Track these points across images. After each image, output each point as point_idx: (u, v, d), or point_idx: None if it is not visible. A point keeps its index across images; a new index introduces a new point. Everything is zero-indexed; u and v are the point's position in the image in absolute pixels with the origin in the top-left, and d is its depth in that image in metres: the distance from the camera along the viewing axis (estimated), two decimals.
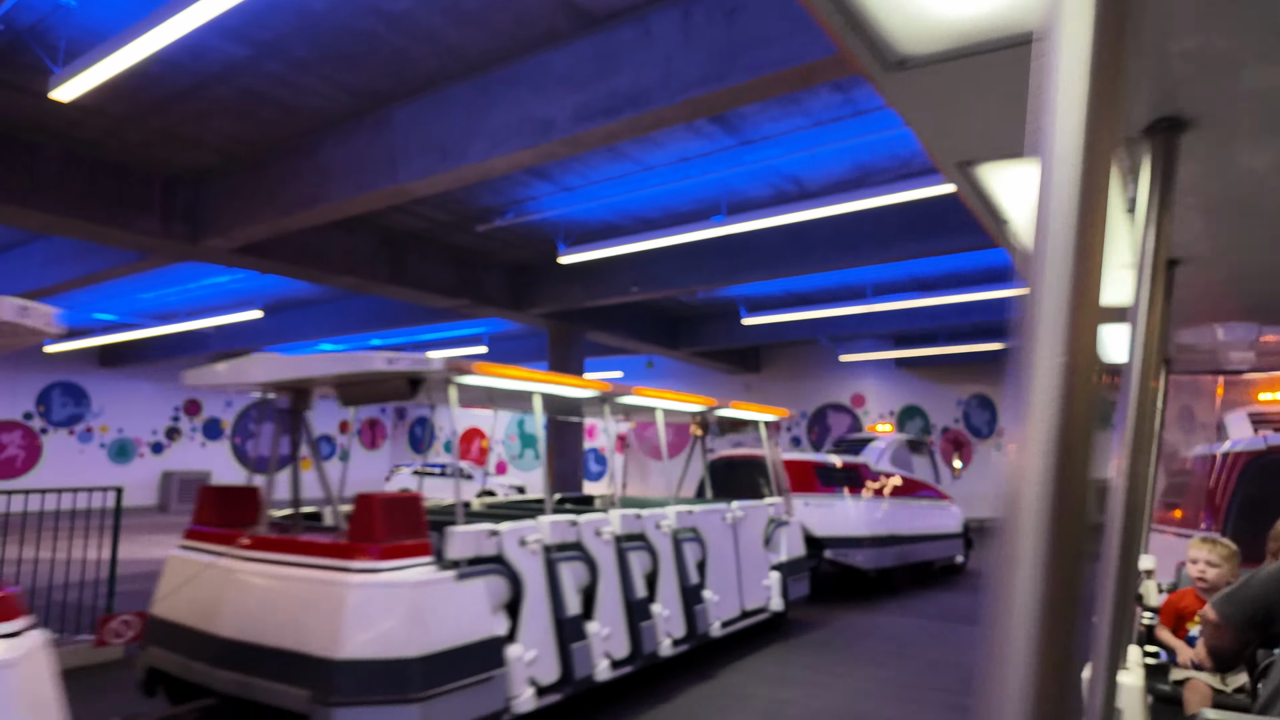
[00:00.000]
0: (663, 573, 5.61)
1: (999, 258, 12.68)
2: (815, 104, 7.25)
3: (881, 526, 9.29)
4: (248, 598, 4.00)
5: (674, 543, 5.84)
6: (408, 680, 3.55)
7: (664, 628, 5.45)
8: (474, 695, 3.90)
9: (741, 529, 6.87)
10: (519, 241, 11.73)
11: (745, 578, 6.74)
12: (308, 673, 3.58)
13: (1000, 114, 1.01)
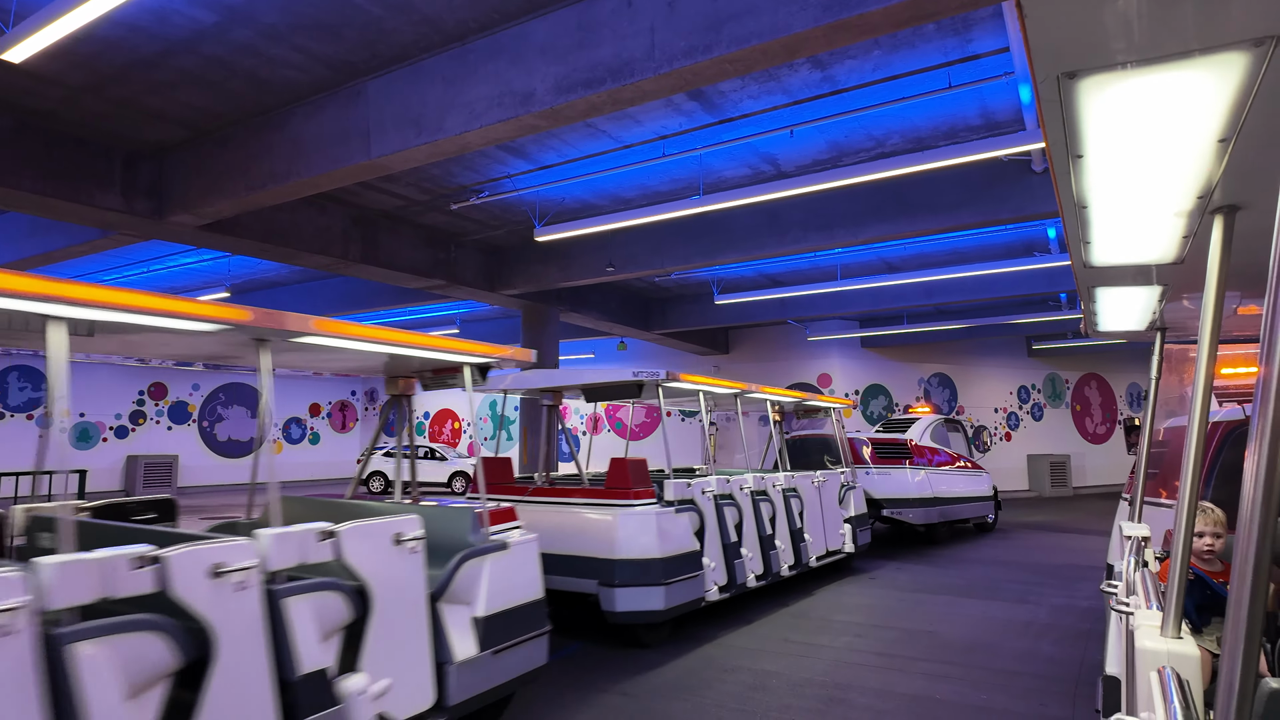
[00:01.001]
0: (778, 519, 7.87)
1: (963, 240, 12.91)
2: (794, 81, 7.28)
3: (926, 490, 11.49)
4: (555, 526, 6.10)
5: (784, 498, 8.06)
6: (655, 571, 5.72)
7: (783, 558, 7.72)
8: (689, 586, 6.08)
9: (824, 490, 9.10)
10: (494, 220, 11.61)
11: (828, 527, 9.03)
12: (597, 569, 5.78)
13: (1129, 9, 0.94)
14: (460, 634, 3.79)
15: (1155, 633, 1.66)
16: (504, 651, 3.98)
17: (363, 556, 3.30)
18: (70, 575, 2.29)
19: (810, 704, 4.62)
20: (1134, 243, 1.91)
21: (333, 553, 3.20)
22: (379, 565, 3.36)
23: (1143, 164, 1.41)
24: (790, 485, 8.30)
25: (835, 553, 9.04)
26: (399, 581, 3.45)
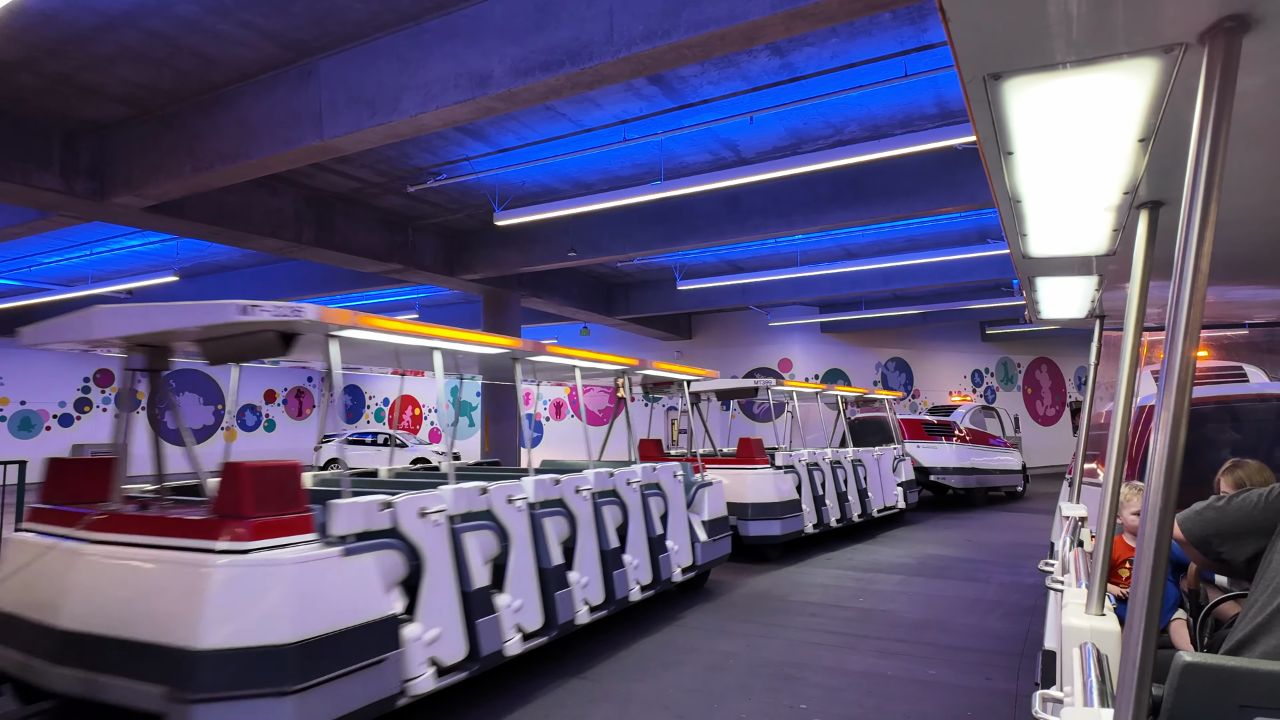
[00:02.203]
0: (850, 482, 10.65)
1: (919, 227, 13.15)
2: (753, 68, 7.30)
3: (965, 461, 14.42)
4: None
5: (851, 466, 10.83)
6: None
7: (853, 509, 10.47)
8: (793, 521, 8.95)
9: (881, 461, 11.95)
10: (453, 204, 11.45)
11: (885, 488, 11.84)
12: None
13: (1050, 13, 0.97)
14: (699, 528, 6.90)
15: (1081, 610, 1.75)
16: (717, 540, 7.13)
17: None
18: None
19: (766, 683, 4.73)
20: (1068, 235, 1.98)
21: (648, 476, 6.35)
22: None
23: (1071, 161, 1.46)
24: (857, 457, 11.18)
25: (891, 508, 11.87)
26: (676, 496, 6.65)
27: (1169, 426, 1.03)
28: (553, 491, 5.25)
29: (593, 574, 5.36)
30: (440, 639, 3.93)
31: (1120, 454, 1.84)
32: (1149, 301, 1.65)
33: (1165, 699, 1.29)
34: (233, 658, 3.11)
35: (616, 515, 5.92)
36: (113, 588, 3.45)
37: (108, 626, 3.36)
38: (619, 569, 5.65)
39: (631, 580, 5.80)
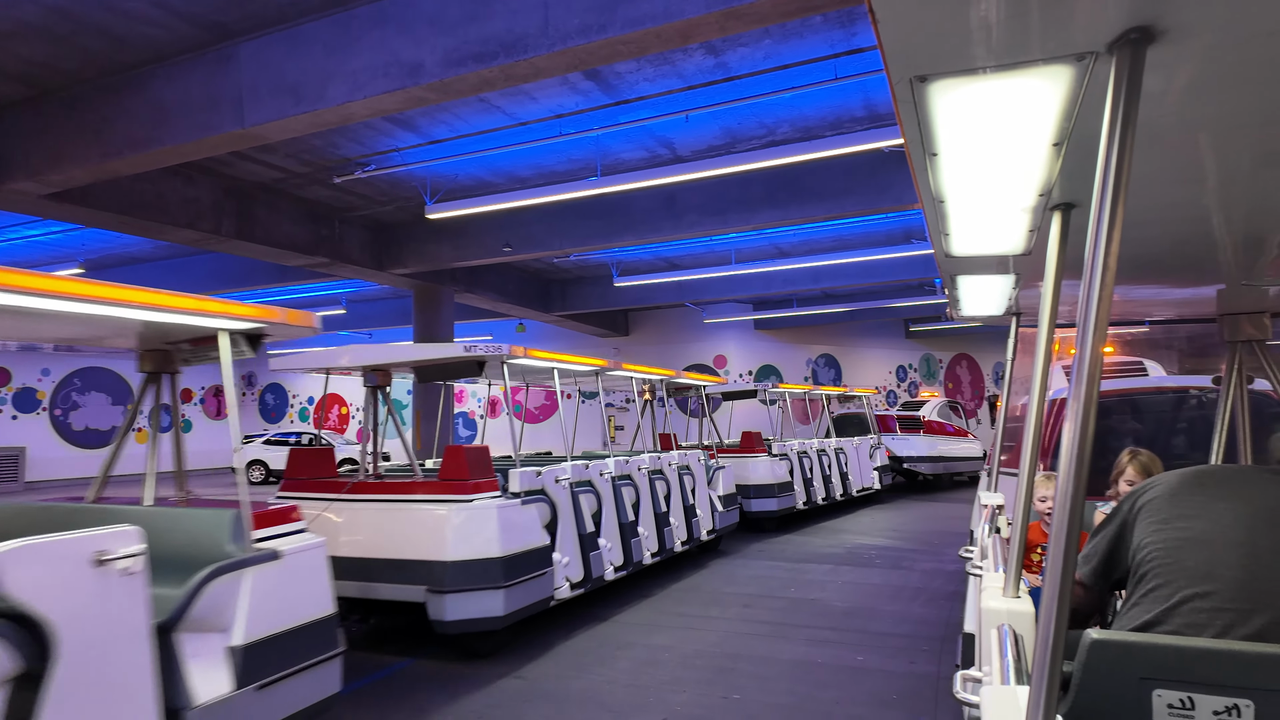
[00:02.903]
0: (832, 469, 12.30)
1: (848, 227, 13.54)
2: (689, 66, 7.36)
3: (933, 450, 16.11)
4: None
5: (834, 454, 12.59)
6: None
7: (836, 489, 12.29)
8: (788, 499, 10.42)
9: (859, 450, 13.71)
10: (382, 196, 11.14)
11: (863, 472, 13.64)
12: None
13: (973, 20, 1.00)
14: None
15: (998, 593, 1.84)
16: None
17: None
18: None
19: (700, 675, 4.79)
20: (988, 235, 2.06)
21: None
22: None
23: (991, 163, 1.53)
24: (839, 447, 12.91)
25: (868, 489, 13.66)
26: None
27: (1078, 418, 1.09)
28: (624, 468, 7.26)
29: (651, 530, 7.39)
30: (569, 564, 5.95)
31: (1035, 445, 1.94)
32: (1061, 299, 1.74)
33: (1074, 673, 1.37)
34: (466, 566, 5.02)
35: (661, 489, 7.80)
36: (387, 527, 5.25)
37: (388, 552, 5.18)
38: (666, 527, 7.65)
39: (674, 538, 7.75)
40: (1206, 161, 1.51)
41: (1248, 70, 1.10)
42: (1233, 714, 1.27)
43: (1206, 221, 1.90)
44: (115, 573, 2.62)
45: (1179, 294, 2.93)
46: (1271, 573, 1.44)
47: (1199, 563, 1.49)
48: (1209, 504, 1.56)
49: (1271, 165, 1.51)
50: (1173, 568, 1.51)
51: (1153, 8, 0.94)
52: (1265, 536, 1.47)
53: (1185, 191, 1.67)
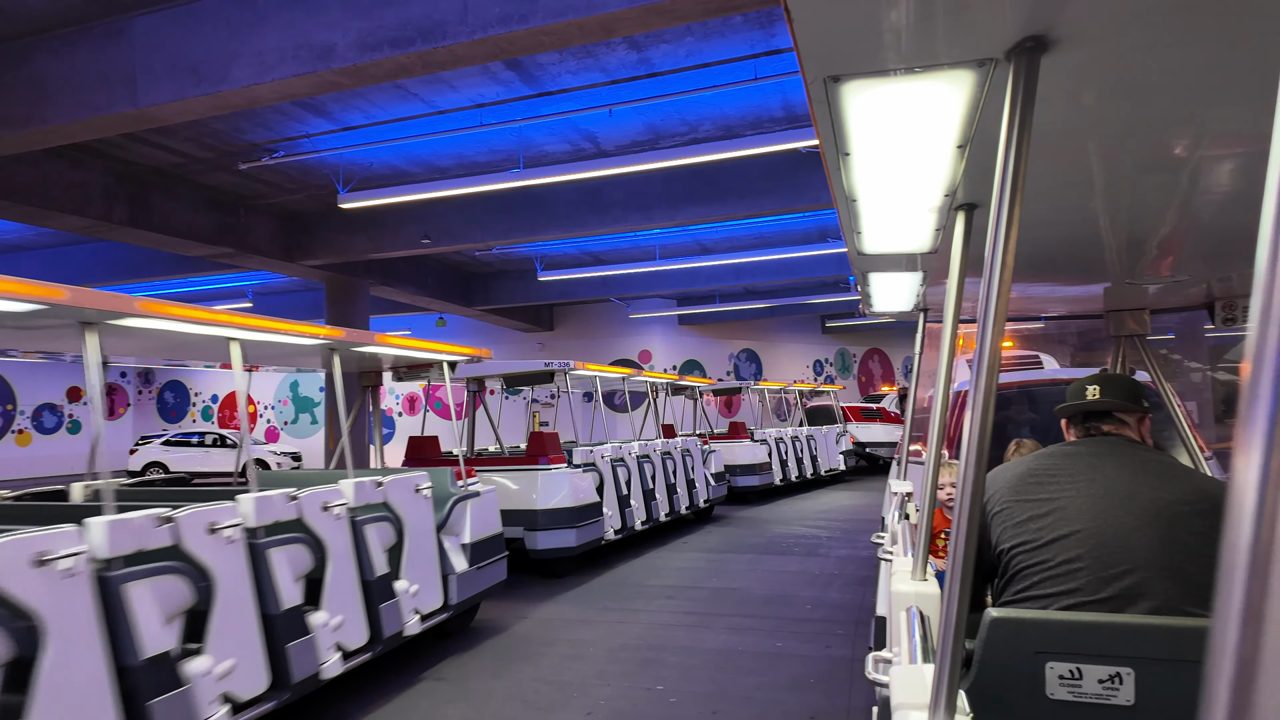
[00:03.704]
0: (804, 453, 14.20)
1: (768, 225, 13.85)
2: (612, 60, 7.34)
3: (892, 437, 17.23)
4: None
5: (806, 440, 14.56)
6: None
7: (807, 469, 14.29)
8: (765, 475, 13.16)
9: (828, 437, 15.70)
10: (291, 184, 10.65)
11: (830, 455, 15.47)
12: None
13: (883, 22, 1.03)
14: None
15: (907, 577, 1.92)
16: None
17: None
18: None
19: (625, 668, 4.81)
20: (897, 234, 2.14)
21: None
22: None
23: (900, 163, 1.58)
24: (810, 434, 14.95)
25: (835, 469, 15.72)
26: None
27: (978, 409, 1.14)
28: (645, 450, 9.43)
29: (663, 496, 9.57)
30: (612, 516, 8.13)
31: (939, 435, 2.03)
32: (964, 296, 1.82)
33: (976, 650, 1.44)
34: (551, 512, 7.20)
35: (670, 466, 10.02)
36: (501, 487, 7.21)
37: (505, 503, 7.06)
38: (674, 494, 9.91)
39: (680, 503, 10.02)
40: (1094, 167, 1.61)
41: (1129, 82, 1.17)
42: (1115, 681, 1.36)
43: (1094, 224, 2.03)
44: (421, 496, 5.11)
45: (1070, 291, 3.13)
46: (1128, 541, 1.54)
47: (1062, 557, 1.58)
48: (1054, 497, 1.65)
49: (1151, 172, 1.63)
50: (1038, 568, 1.60)
51: (1046, 18, 0.99)
52: (1113, 515, 1.57)
53: (1076, 195, 1.78)
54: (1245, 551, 0.30)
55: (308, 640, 3.82)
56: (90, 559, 2.82)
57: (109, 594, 2.85)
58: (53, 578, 2.70)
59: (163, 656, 3.00)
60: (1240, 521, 0.31)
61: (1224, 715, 0.30)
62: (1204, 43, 1.05)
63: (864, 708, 4.05)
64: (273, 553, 3.70)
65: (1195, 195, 1.76)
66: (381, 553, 4.60)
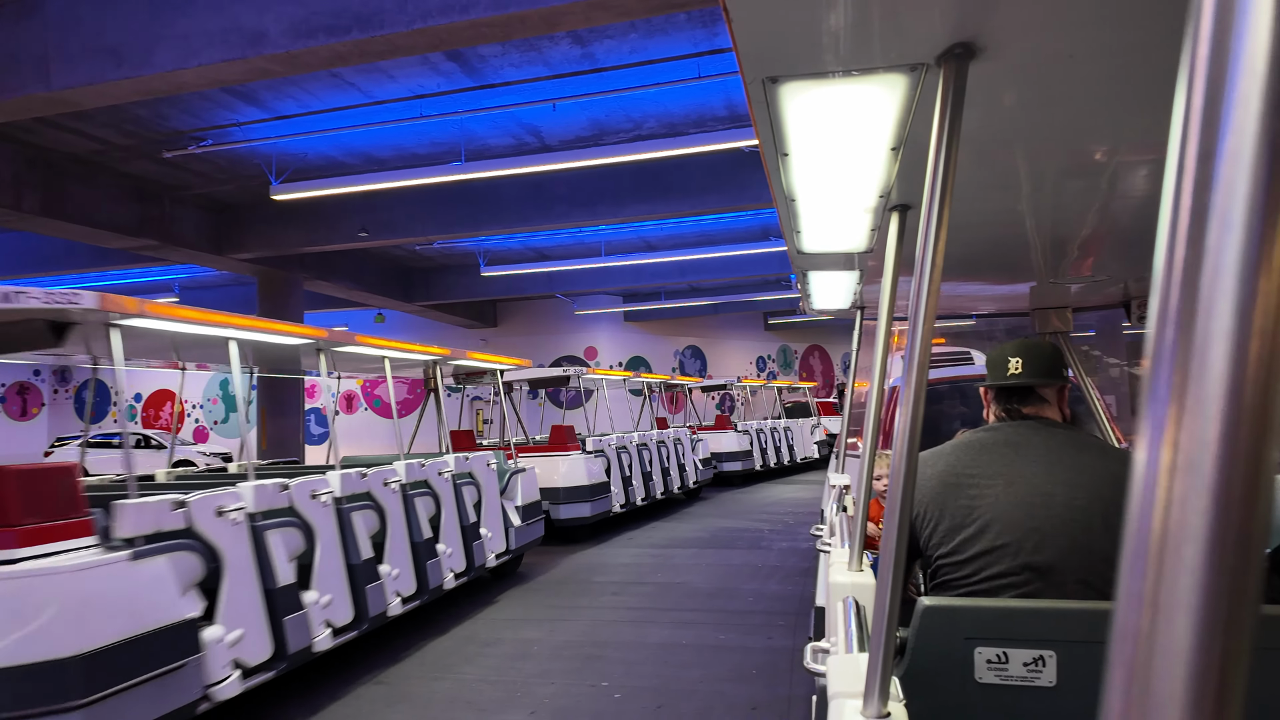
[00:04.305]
0: (782, 442, 16.03)
1: (712, 223, 13.98)
2: (555, 55, 7.28)
3: None
4: None
5: (784, 431, 16.31)
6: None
7: (784, 457, 16.14)
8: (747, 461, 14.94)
9: (803, 428, 17.38)
10: (220, 174, 10.23)
11: (806, 445, 16.90)
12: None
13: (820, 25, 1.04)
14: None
15: (844, 568, 1.96)
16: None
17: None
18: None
19: (569, 665, 4.80)
20: (835, 233, 2.19)
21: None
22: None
23: (837, 164, 1.61)
24: (787, 425, 16.54)
25: (809, 458, 16.97)
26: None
27: (910, 403, 1.18)
28: (645, 439, 10.92)
29: (658, 478, 11.08)
30: (617, 494, 9.77)
31: (875, 429, 2.08)
32: (898, 294, 1.87)
33: (909, 638, 1.49)
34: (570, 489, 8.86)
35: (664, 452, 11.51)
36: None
37: None
38: (668, 477, 11.25)
39: (674, 485, 11.60)
40: (1020, 171, 1.68)
41: (1052, 89, 1.22)
42: (1039, 664, 1.43)
43: (1021, 225, 2.11)
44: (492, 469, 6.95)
45: (998, 290, 3.26)
46: (1044, 556, 1.58)
47: (985, 574, 1.62)
48: (973, 506, 1.66)
49: (1073, 177, 1.70)
50: (963, 583, 1.64)
51: (974, 26, 1.02)
52: (1029, 523, 1.61)
53: (1004, 198, 1.85)
54: (1144, 538, 0.32)
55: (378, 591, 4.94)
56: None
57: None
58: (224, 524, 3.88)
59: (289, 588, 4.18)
60: (1139, 509, 0.32)
61: (1122, 693, 0.32)
62: (1118, 54, 1.10)
63: (805, 697, 4.14)
64: (354, 516, 4.72)
65: (1114, 199, 1.85)
66: (470, 507, 6.45)
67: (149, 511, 3.51)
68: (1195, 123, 0.32)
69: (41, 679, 2.94)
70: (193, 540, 3.72)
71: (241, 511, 4.01)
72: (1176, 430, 0.31)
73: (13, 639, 2.91)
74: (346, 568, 4.73)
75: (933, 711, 1.44)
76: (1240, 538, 0.30)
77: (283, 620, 4.07)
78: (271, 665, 3.99)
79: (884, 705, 1.14)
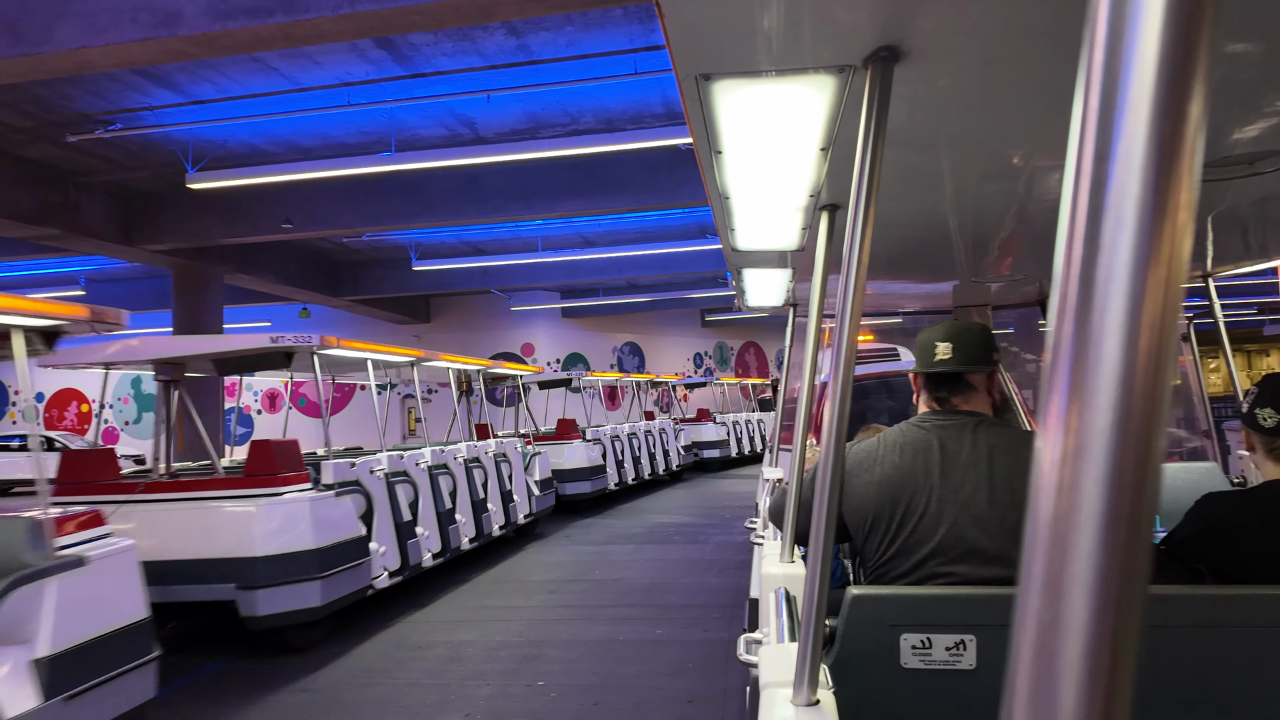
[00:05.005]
0: (755, 433, 18.44)
1: (650, 220, 14.03)
2: (489, 45, 7.16)
3: None
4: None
5: (757, 423, 19.21)
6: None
7: (758, 445, 18.46)
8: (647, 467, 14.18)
9: (770, 420, 17.19)
10: (132, 160, 9.68)
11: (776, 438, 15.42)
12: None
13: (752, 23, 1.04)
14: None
15: (776, 560, 2.00)
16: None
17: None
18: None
19: (505, 666, 4.74)
20: (768, 232, 2.22)
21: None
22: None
23: (770, 163, 1.64)
24: (760, 417, 18.73)
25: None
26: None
27: (837, 397, 1.21)
28: (615, 432, 12.24)
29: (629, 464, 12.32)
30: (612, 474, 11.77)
31: (806, 423, 2.13)
32: (828, 292, 1.90)
33: (838, 626, 1.53)
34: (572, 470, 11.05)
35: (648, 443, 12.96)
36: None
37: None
38: (639, 463, 13.02)
39: (658, 468, 13.42)
40: (944, 173, 1.74)
41: (972, 95, 1.27)
42: (961, 648, 1.48)
43: (944, 226, 2.19)
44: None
45: (922, 289, 3.37)
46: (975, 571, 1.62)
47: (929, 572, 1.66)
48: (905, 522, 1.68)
49: (992, 180, 1.77)
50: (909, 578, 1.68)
51: (898, 30, 1.05)
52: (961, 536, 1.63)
53: (928, 199, 1.91)
54: (1043, 522, 0.33)
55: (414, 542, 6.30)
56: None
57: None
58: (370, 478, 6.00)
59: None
60: (1039, 495, 0.34)
61: (1026, 670, 0.33)
62: (1034, 63, 1.15)
63: (740, 688, 4.21)
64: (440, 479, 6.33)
65: (1030, 202, 1.93)
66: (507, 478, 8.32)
67: (340, 469, 5.81)
68: (1091, 126, 0.34)
69: (299, 561, 4.97)
70: (359, 487, 5.92)
71: (382, 470, 6.23)
72: (1073, 419, 0.32)
73: (285, 537, 5.00)
74: (437, 515, 6.87)
75: (860, 698, 1.48)
76: (1131, 521, 0.31)
77: (405, 544, 6.22)
78: (399, 573, 6.12)
79: (813, 693, 1.17)
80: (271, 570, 4.86)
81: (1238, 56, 1.14)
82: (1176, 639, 1.43)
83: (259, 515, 4.94)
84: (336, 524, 5.34)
